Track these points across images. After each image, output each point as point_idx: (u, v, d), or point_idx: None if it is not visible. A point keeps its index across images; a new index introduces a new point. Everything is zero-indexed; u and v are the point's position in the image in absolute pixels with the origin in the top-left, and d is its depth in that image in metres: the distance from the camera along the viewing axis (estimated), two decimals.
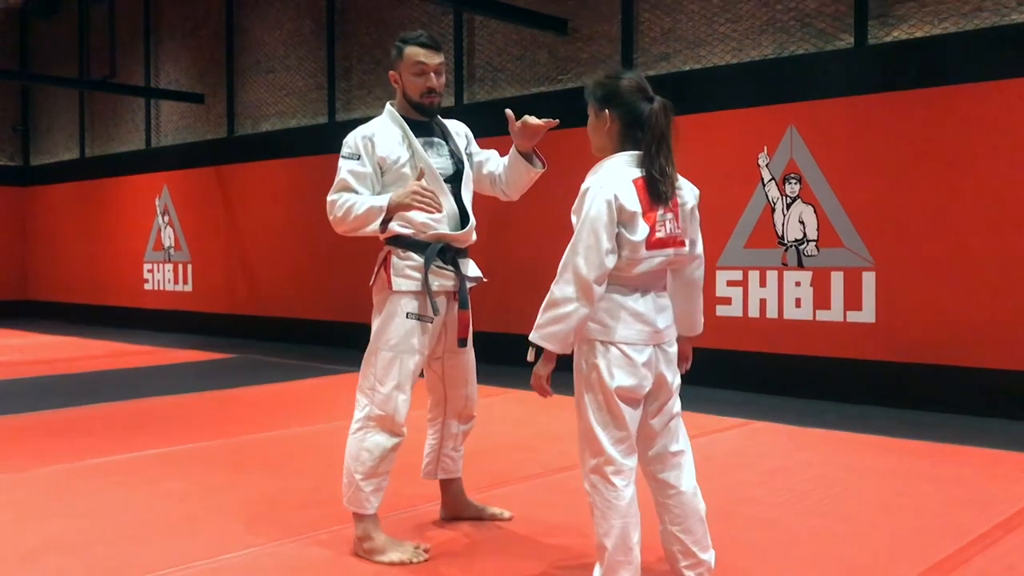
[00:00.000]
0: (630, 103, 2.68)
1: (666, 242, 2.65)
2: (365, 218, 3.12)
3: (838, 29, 6.59)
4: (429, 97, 3.27)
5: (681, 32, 7.45)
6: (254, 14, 11.20)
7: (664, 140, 2.66)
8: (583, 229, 2.58)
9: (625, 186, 2.60)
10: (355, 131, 3.29)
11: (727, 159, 6.90)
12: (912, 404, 6.10)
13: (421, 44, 3.24)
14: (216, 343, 10.64)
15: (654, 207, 2.63)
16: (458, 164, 3.37)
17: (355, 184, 3.19)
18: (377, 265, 3.30)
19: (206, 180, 11.64)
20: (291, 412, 6.16)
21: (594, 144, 2.81)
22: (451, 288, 3.28)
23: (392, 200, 3.08)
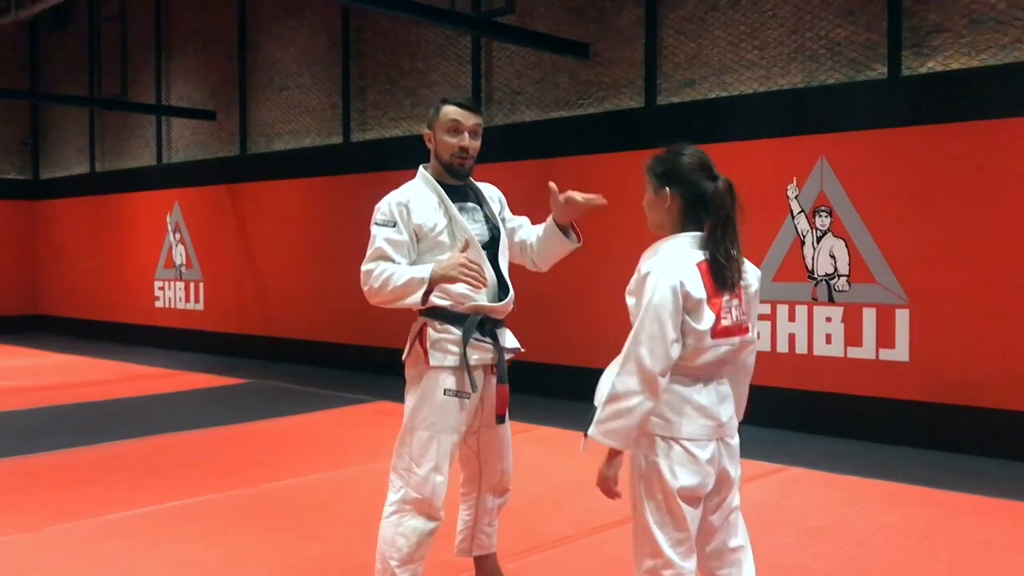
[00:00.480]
0: (692, 181, 2.54)
1: (732, 330, 2.51)
2: (404, 290, 2.97)
3: (870, 59, 6.43)
4: (460, 158, 3.13)
5: (706, 58, 7.29)
6: (267, 31, 11.07)
7: (730, 222, 2.51)
8: (646, 317, 2.43)
9: (690, 271, 2.45)
10: (389, 197, 3.14)
11: (755, 190, 6.71)
12: (949, 446, 5.94)
13: (459, 104, 3.14)
14: (228, 365, 10.50)
15: (719, 293, 2.48)
16: (493, 230, 3.23)
17: (392, 253, 3.04)
18: (411, 338, 3.15)
19: (218, 198, 11.51)
20: (313, 452, 6.01)
21: (651, 221, 2.66)
22: (489, 361, 3.13)
23: (435, 272, 2.94)
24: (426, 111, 9.39)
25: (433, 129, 3.16)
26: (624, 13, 7.75)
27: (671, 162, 2.58)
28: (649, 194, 2.64)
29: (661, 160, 2.61)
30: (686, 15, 7.37)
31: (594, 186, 7.87)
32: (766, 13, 6.93)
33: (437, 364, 3.04)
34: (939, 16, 6.12)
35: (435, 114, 3.16)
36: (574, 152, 7.93)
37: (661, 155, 2.63)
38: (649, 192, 2.64)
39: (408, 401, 3.12)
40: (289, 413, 7.42)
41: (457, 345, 3.05)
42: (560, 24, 8.13)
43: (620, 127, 7.72)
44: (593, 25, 7.94)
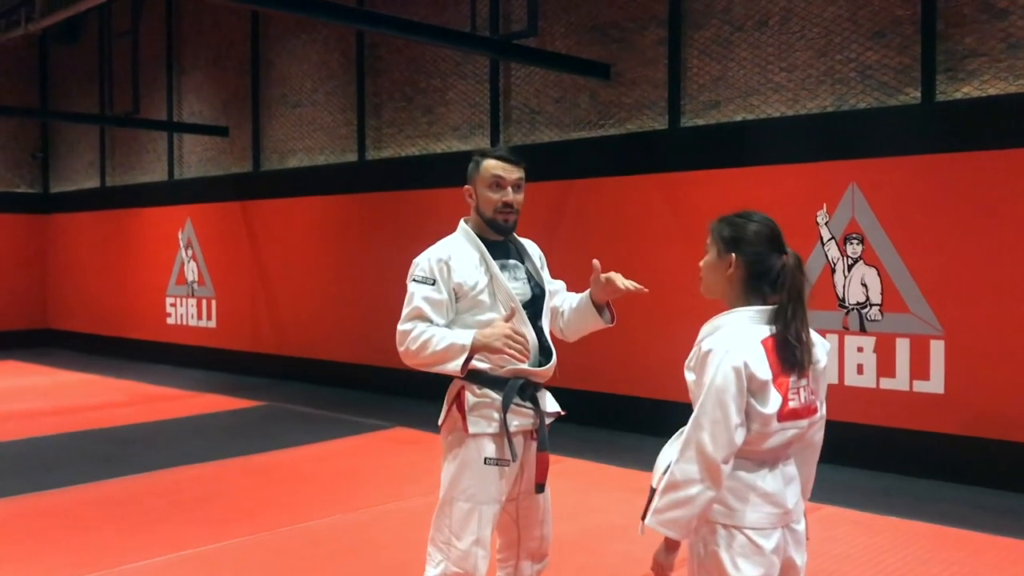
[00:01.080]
0: (760, 252, 2.39)
1: (800, 412, 2.36)
2: (444, 355, 2.83)
3: (902, 83, 6.27)
4: (504, 213, 2.99)
5: (732, 80, 7.14)
6: (279, 46, 10.94)
7: (800, 301, 2.36)
8: (708, 401, 2.28)
9: (754, 350, 2.30)
10: (427, 252, 3.00)
11: (783, 216, 6.46)
12: (986, 482, 5.77)
13: (500, 158, 3.01)
14: (241, 385, 10.37)
15: (786, 373, 2.33)
16: (536, 289, 3.07)
17: (430, 313, 2.90)
18: (448, 403, 3.01)
19: (231, 215, 11.39)
20: (333, 488, 5.86)
21: (707, 284, 2.52)
22: (530, 427, 2.98)
23: (478, 340, 2.80)
24: (442, 129, 9.32)
25: (473, 184, 3.03)
26: (647, 33, 7.60)
27: (739, 227, 2.43)
28: (711, 256, 2.49)
29: (729, 223, 2.46)
30: (711, 36, 7.22)
31: (615, 209, 7.79)
32: (794, 35, 6.77)
33: (477, 432, 2.89)
34: (975, 40, 5.96)
35: (474, 168, 3.03)
36: (594, 174, 7.78)
37: (729, 217, 2.49)
38: (711, 254, 2.49)
39: (446, 470, 2.97)
40: (305, 441, 7.28)
41: (497, 411, 2.90)
42: (581, 44, 7.98)
43: (642, 149, 7.57)
44: (615, 45, 7.80)
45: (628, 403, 7.50)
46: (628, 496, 5.57)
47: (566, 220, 7.89)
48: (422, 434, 7.35)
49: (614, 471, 6.26)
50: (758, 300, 2.40)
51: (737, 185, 6.88)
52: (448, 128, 9.17)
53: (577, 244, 7.76)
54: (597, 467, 6.36)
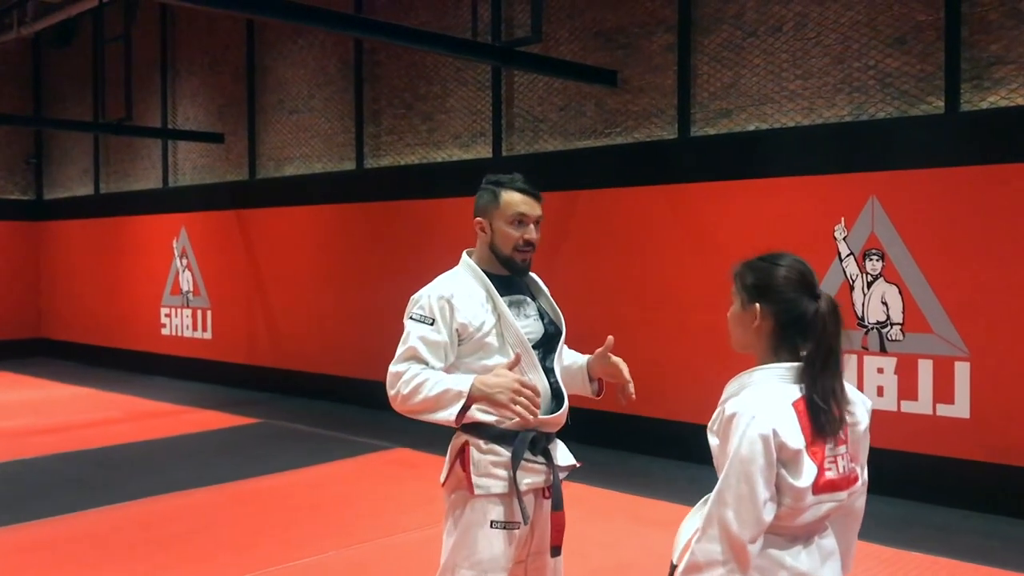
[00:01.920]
0: (790, 300, 2.09)
1: (838, 483, 2.07)
2: (437, 401, 2.55)
3: (925, 91, 6.00)
4: (523, 252, 2.73)
5: (744, 87, 6.86)
6: (276, 51, 10.67)
7: (832, 354, 2.07)
8: (732, 473, 1.99)
9: (784, 414, 2.02)
10: (428, 289, 2.73)
11: (798, 230, 6.30)
12: (1014, 512, 5.50)
13: (523, 191, 2.73)
14: (237, 399, 10.10)
15: (821, 438, 2.04)
16: (549, 326, 2.80)
17: (427, 355, 2.63)
18: (450, 458, 2.73)
19: (226, 223, 11.11)
20: (330, 518, 5.58)
21: (735, 339, 2.23)
22: (542, 484, 2.71)
23: (477, 389, 2.52)
24: (442, 137, 9.04)
25: (488, 216, 2.74)
26: (655, 39, 7.32)
27: (764, 273, 2.14)
28: (735, 308, 2.21)
29: (753, 269, 2.18)
30: (722, 41, 6.94)
31: (621, 220, 7.50)
32: (809, 40, 6.49)
33: (483, 492, 2.62)
34: (1001, 47, 5.68)
35: (491, 200, 2.74)
36: (600, 184, 7.50)
37: (753, 262, 2.19)
38: (735, 305, 2.21)
39: (448, 534, 2.69)
40: (301, 464, 7.01)
41: (506, 468, 2.62)
42: (586, 50, 7.70)
43: (650, 159, 7.29)
44: (621, 51, 7.52)
45: (634, 423, 7.22)
46: (638, 528, 5.30)
47: (570, 233, 7.61)
48: (424, 456, 7.08)
49: (621, 498, 5.99)
50: (790, 354, 2.12)
51: (749, 198, 6.60)
52: (449, 136, 8.89)
53: (581, 258, 7.48)
54: (603, 493, 6.08)
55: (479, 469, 2.63)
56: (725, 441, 2.05)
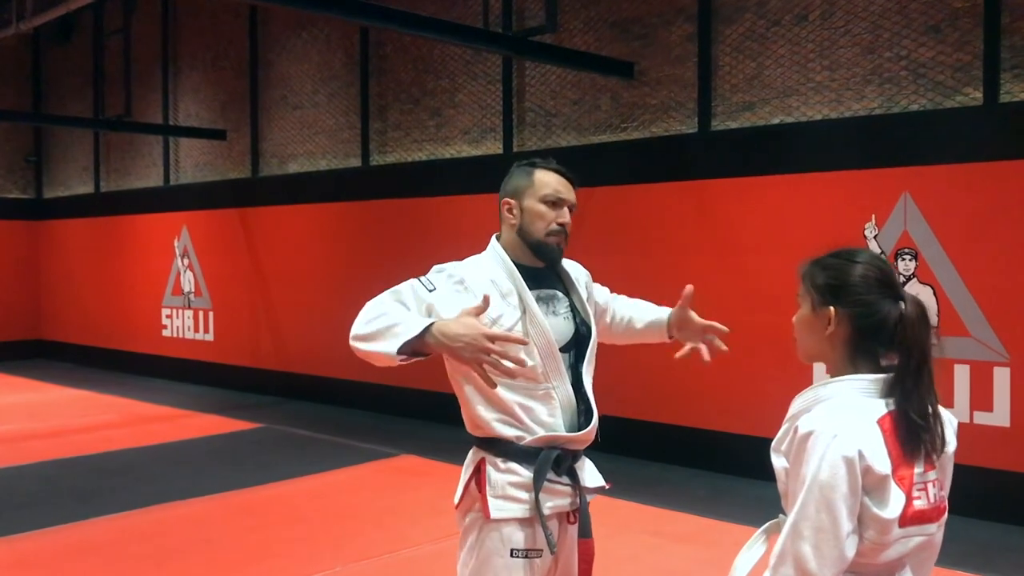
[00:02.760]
0: (869, 302, 1.82)
1: (928, 514, 1.78)
2: (384, 333, 2.26)
3: (960, 82, 5.69)
4: (557, 236, 2.49)
5: (768, 79, 6.55)
6: (279, 46, 10.38)
7: (926, 363, 1.79)
8: (811, 502, 1.71)
9: (869, 433, 1.73)
10: (447, 265, 2.50)
11: (826, 228, 5.99)
12: None
13: (558, 171, 2.53)
14: (239, 403, 9.83)
15: (909, 461, 1.76)
16: (581, 327, 2.51)
17: (409, 301, 2.40)
18: (465, 477, 2.43)
19: (229, 222, 10.83)
20: (333, 531, 5.28)
21: (803, 346, 1.94)
22: (567, 508, 2.42)
23: (433, 335, 2.19)
24: (451, 132, 8.76)
25: (519, 197, 2.50)
26: (673, 29, 7.02)
27: (839, 271, 1.85)
28: (804, 311, 1.91)
29: (824, 267, 1.89)
30: (744, 31, 6.64)
31: (638, 218, 7.19)
32: (838, 30, 6.19)
33: (501, 517, 2.33)
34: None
35: (524, 179, 2.51)
36: (616, 181, 7.19)
37: (824, 259, 1.90)
38: (804, 308, 1.91)
39: (463, 561, 2.40)
40: (304, 472, 6.72)
41: (526, 490, 2.33)
42: (601, 40, 7.40)
43: (669, 154, 6.99)
44: (638, 42, 7.21)
45: (652, 430, 6.92)
46: (660, 542, 5.00)
47: (585, 232, 7.29)
48: (431, 464, 6.80)
49: (641, 509, 5.68)
50: (869, 364, 1.84)
51: (774, 194, 6.30)
52: (458, 132, 8.60)
53: (598, 258, 7.12)
54: (622, 504, 5.77)
55: (496, 490, 2.34)
56: (799, 464, 1.77)
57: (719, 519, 5.42)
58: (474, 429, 2.43)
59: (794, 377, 3.69)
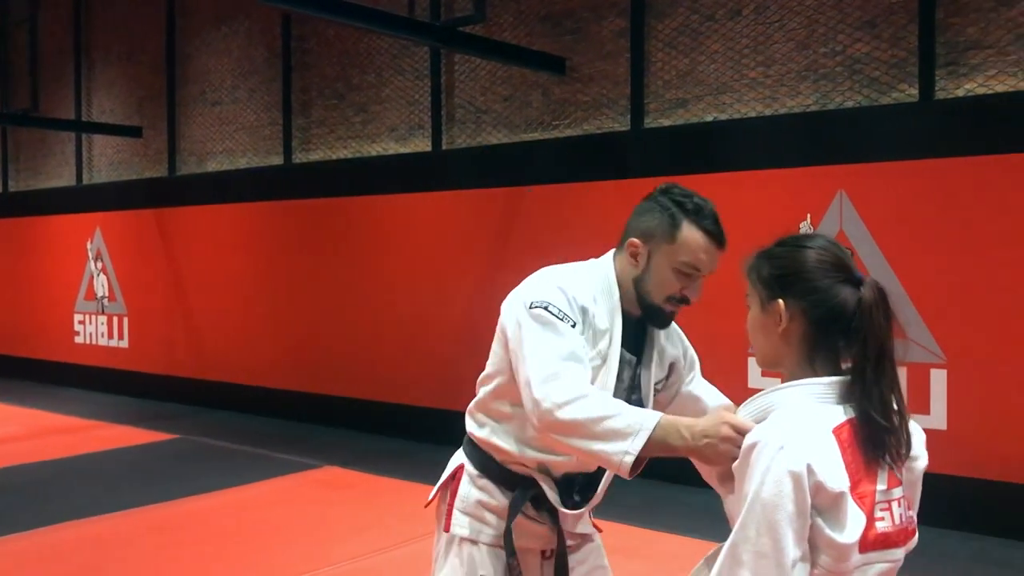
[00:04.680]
0: (823, 289, 1.59)
1: (893, 538, 1.57)
2: (598, 429, 1.77)
3: (896, 79, 5.60)
4: (674, 306, 2.09)
5: (701, 75, 6.41)
6: (198, 39, 9.95)
7: (885, 355, 1.57)
8: (751, 523, 1.49)
9: (823, 445, 1.52)
10: (560, 280, 2.06)
11: (760, 227, 5.77)
12: (996, 532, 5.12)
13: (709, 233, 2.04)
14: (155, 413, 9.36)
15: (870, 473, 1.54)
16: (631, 401, 2.13)
17: (581, 353, 1.95)
18: (443, 477, 2.18)
19: (144, 223, 10.34)
20: (251, 549, 4.94)
21: (759, 353, 1.72)
22: (542, 546, 2.15)
23: (687, 431, 1.71)
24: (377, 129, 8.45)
25: (651, 244, 2.07)
26: (605, 23, 6.83)
27: (787, 260, 1.63)
28: (753, 311, 1.69)
29: (770, 257, 1.67)
30: (677, 26, 6.49)
31: (571, 218, 6.97)
32: (772, 25, 6.07)
33: (462, 535, 2.08)
34: (978, 30, 5.31)
35: (667, 228, 2.05)
36: (549, 179, 6.98)
37: (770, 249, 1.69)
38: (753, 308, 1.69)
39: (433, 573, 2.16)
40: (222, 485, 6.35)
41: (497, 515, 2.07)
42: (532, 35, 7.19)
43: (601, 152, 6.79)
44: (570, 36, 7.01)
45: None
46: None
47: (517, 231, 7.08)
48: (355, 475, 6.48)
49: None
50: (829, 366, 1.62)
51: (708, 192, 5.99)
52: (384, 128, 8.29)
53: (529, 259, 6.93)
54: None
55: (464, 505, 2.09)
56: (742, 479, 1.55)
57: (653, 529, 5.24)
58: (473, 419, 2.14)
59: (727, 379, 3.51)
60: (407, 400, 7.70)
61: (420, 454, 6.97)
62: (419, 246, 7.52)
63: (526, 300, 1.99)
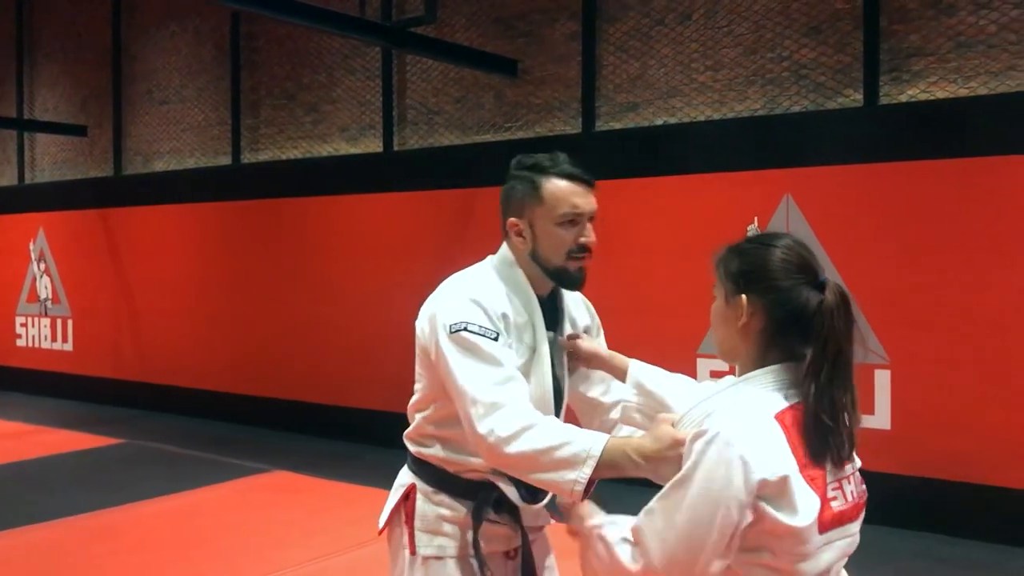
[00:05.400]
0: (786, 289, 1.64)
1: (848, 514, 1.61)
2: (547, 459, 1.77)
3: (841, 84, 5.70)
4: (579, 259, 2.07)
5: (651, 79, 6.45)
6: (145, 37, 9.79)
7: (842, 358, 1.61)
8: (680, 504, 1.55)
9: (766, 432, 1.55)
10: (474, 293, 2.02)
11: (709, 230, 5.89)
12: (939, 529, 5.22)
13: (571, 176, 2.05)
14: (100, 417, 9.18)
15: (819, 460, 1.57)
16: (558, 382, 2.15)
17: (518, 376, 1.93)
18: (392, 501, 2.14)
19: (89, 224, 10.14)
20: (198, 557, 4.86)
21: (719, 343, 1.77)
22: (505, 547, 2.13)
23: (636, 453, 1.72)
24: (328, 129, 8.39)
25: (528, 215, 2.06)
26: (557, 26, 6.86)
27: (755, 257, 1.68)
28: (718, 302, 1.74)
29: (739, 252, 1.72)
30: (628, 30, 6.53)
31: None
32: (720, 30, 6.13)
33: (428, 554, 2.04)
34: (920, 38, 5.42)
35: (530, 192, 2.05)
36: (501, 182, 6.87)
37: (740, 245, 1.74)
38: (718, 299, 1.74)
39: None
40: (167, 490, 6.24)
41: (459, 527, 2.05)
42: (485, 37, 7.18)
43: None
44: (522, 39, 7.02)
45: None
46: None
47: (470, 233, 7.07)
48: (304, 479, 6.42)
49: None
50: (783, 354, 1.67)
51: (658, 195, 6.20)
52: (335, 129, 8.23)
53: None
54: None
55: (425, 523, 2.06)
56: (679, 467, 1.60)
57: None
58: (414, 442, 2.11)
59: None
60: (356, 403, 7.65)
61: (369, 457, 6.92)
62: (369, 248, 7.48)
63: (444, 324, 1.95)
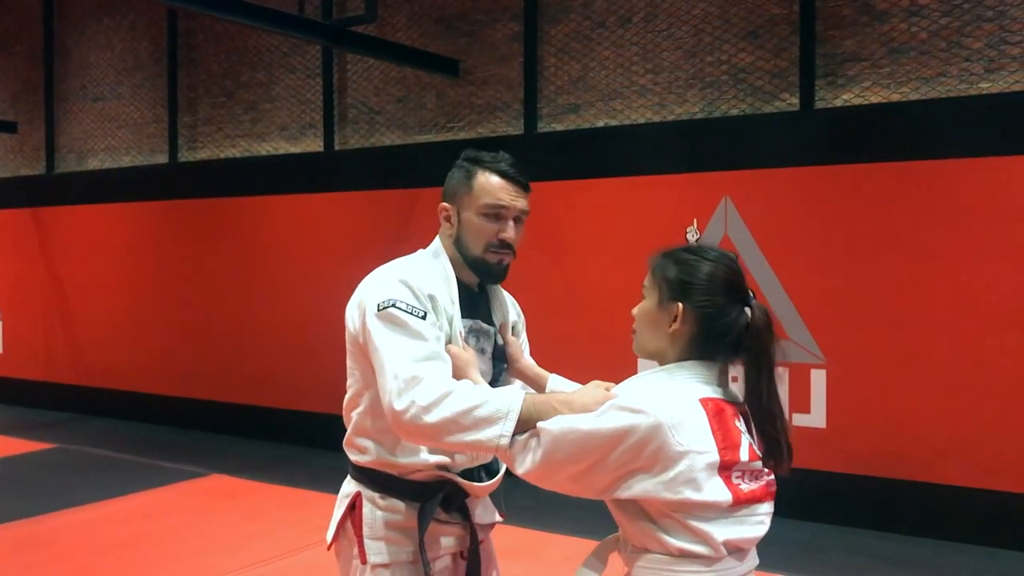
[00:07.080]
0: (717, 304, 1.74)
1: (759, 494, 1.73)
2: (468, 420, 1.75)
3: (778, 88, 5.78)
4: (499, 253, 2.11)
5: (592, 81, 6.48)
6: (79, 31, 9.56)
7: (773, 371, 1.75)
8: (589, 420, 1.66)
9: (690, 410, 1.66)
10: (403, 274, 2.04)
11: (649, 231, 5.96)
12: (873, 525, 5.33)
13: (504, 174, 2.12)
14: (29, 421, 8.95)
15: (737, 444, 1.69)
16: (497, 370, 2.20)
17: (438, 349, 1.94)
18: (338, 513, 2.11)
19: (20, 223, 9.87)
20: (131, 565, 4.76)
21: (641, 342, 1.82)
22: (454, 548, 2.13)
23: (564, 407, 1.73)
24: (267, 128, 8.27)
25: (457, 202, 2.14)
26: (499, 27, 6.85)
27: (694, 268, 1.76)
28: (648, 303, 1.79)
29: (677, 261, 1.78)
30: (569, 31, 6.55)
31: None
32: (660, 33, 6.19)
33: (379, 562, 2.02)
34: (855, 43, 5.52)
35: (463, 181, 2.13)
36: (442, 183, 6.91)
37: (677, 252, 1.81)
38: (649, 301, 1.79)
39: None
40: (100, 497, 6.09)
41: (409, 531, 2.03)
42: (426, 36, 7.15)
43: None
44: (464, 39, 7.01)
45: None
46: None
47: (412, 234, 7.01)
48: (243, 483, 6.32)
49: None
50: (704, 358, 1.78)
51: (599, 197, 6.23)
52: (275, 128, 8.13)
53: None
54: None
55: (374, 531, 2.03)
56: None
57: (546, 531, 5.27)
58: (354, 449, 2.10)
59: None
60: (296, 406, 7.56)
61: (309, 460, 6.85)
62: (310, 248, 7.39)
63: (371, 302, 1.97)
